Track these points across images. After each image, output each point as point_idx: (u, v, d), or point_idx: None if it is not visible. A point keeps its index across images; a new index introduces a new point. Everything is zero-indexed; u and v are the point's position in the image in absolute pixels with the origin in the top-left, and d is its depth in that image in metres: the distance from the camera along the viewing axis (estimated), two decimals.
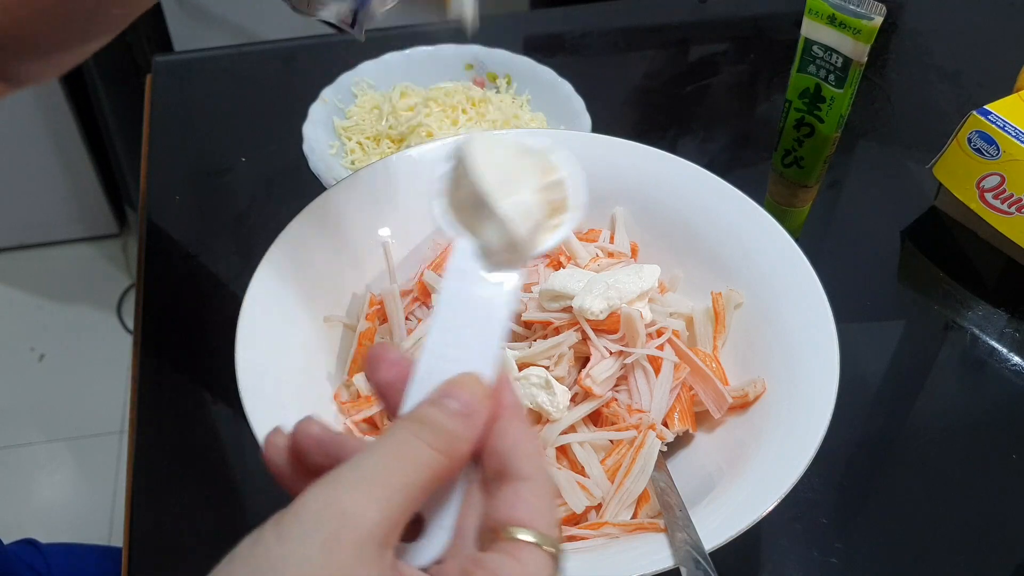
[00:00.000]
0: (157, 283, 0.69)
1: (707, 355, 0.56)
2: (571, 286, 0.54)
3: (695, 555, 0.43)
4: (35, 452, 1.56)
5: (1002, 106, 0.70)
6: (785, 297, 0.55)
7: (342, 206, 0.58)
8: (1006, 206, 0.70)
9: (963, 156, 0.71)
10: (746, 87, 0.89)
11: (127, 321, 1.73)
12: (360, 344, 0.56)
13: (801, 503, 0.57)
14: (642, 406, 0.53)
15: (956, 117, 0.71)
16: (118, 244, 1.83)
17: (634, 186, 0.62)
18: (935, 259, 0.73)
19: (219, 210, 0.76)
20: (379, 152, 0.76)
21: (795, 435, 0.48)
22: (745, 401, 0.53)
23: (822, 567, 0.55)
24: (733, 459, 0.50)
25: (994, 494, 0.59)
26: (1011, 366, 0.66)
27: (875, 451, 0.61)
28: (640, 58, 0.91)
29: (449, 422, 0.31)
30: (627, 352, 0.53)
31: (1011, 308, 0.70)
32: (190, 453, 0.60)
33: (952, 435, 0.62)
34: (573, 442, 0.51)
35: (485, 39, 0.81)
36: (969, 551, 0.56)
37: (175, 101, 0.85)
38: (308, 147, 0.73)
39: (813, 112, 0.67)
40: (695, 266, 0.60)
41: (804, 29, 0.64)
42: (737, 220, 0.59)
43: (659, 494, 0.49)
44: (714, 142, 0.83)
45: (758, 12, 0.95)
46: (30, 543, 0.76)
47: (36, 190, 1.71)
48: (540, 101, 0.79)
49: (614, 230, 0.63)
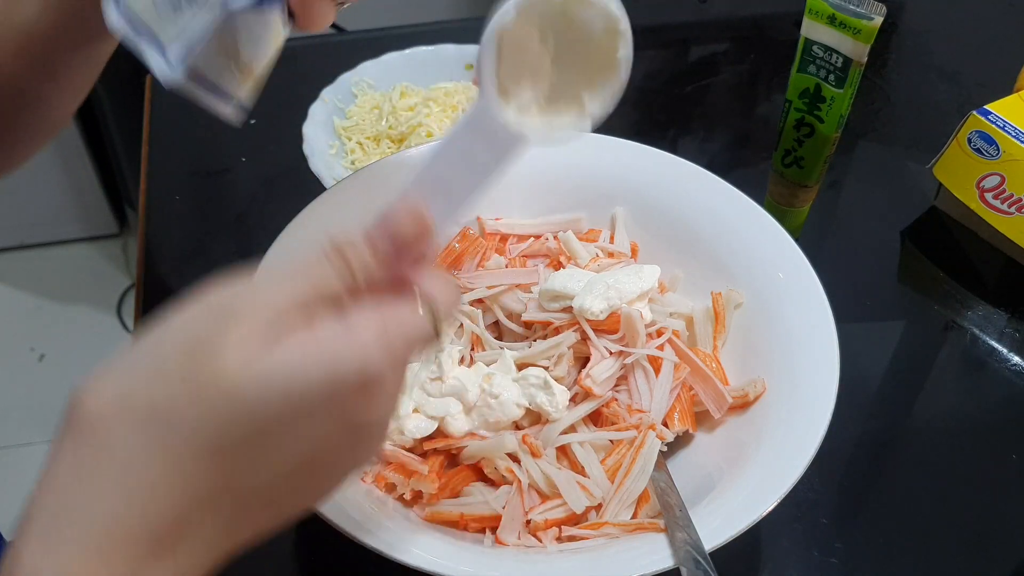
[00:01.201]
0: (157, 283, 0.69)
1: (707, 355, 0.56)
2: (571, 286, 0.54)
3: (695, 555, 0.43)
4: (35, 452, 1.56)
5: (1002, 106, 0.70)
6: (785, 297, 0.55)
7: (342, 206, 0.58)
8: (1006, 206, 0.70)
9: (963, 156, 0.71)
10: (746, 87, 0.89)
11: (127, 321, 1.73)
12: None
13: (801, 503, 0.57)
14: (642, 406, 0.53)
15: (956, 117, 0.71)
16: (118, 244, 1.83)
17: (634, 186, 0.62)
18: (935, 259, 0.73)
19: (219, 210, 0.76)
20: (379, 152, 0.76)
21: (795, 435, 0.48)
22: (745, 401, 0.53)
23: (822, 567, 0.55)
24: (733, 459, 0.50)
25: (994, 494, 0.59)
26: (1011, 366, 0.66)
27: (875, 451, 0.61)
28: (640, 58, 0.90)
29: (371, 262, 0.35)
30: (627, 352, 0.53)
31: (1011, 308, 0.69)
32: None
33: (952, 435, 0.62)
34: (573, 442, 0.51)
35: None
36: (969, 551, 0.56)
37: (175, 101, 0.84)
38: (308, 147, 0.73)
39: (813, 112, 0.67)
40: (695, 266, 0.60)
41: (804, 29, 0.64)
42: (737, 220, 0.59)
43: (659, 494, 0.49)
44: (714, 142, 0.83)
45: (758, 12, 0.95)
46: None
47: (36, 190, 1.71)
48: None
49: (614, 230, 0.63)
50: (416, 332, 0.35)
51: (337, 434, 0.33)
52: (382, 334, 0.33)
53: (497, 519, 0.49)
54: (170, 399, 0.30)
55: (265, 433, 0.31)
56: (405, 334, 0.34)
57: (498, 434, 0.51)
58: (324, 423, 0.32)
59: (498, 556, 0.47)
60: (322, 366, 0.31)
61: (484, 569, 0.44)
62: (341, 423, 0.33)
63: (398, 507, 0.50)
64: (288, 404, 0.31)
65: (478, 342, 0.56)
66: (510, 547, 0.48)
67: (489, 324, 0.57)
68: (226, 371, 0.30)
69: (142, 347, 0.32)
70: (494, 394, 0.51)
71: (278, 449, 0.32)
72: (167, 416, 0.30)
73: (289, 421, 0.31)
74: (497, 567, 0.46)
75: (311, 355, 0.31)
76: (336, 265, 0.34)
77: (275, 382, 0.31)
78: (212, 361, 0.31)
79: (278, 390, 0.31)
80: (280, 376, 0.31)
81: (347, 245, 0.35)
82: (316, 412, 0.32)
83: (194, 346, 0.31)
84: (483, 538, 0.49)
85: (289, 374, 0.31)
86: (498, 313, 0.57)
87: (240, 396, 0.30)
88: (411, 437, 0.51)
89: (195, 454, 0.30)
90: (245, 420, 0.31)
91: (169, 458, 0.30)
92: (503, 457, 0.51)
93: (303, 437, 0.32)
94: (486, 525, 0.50)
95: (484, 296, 0.57)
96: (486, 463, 0.51)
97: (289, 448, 0.32)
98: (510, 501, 0.50)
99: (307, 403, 0.31)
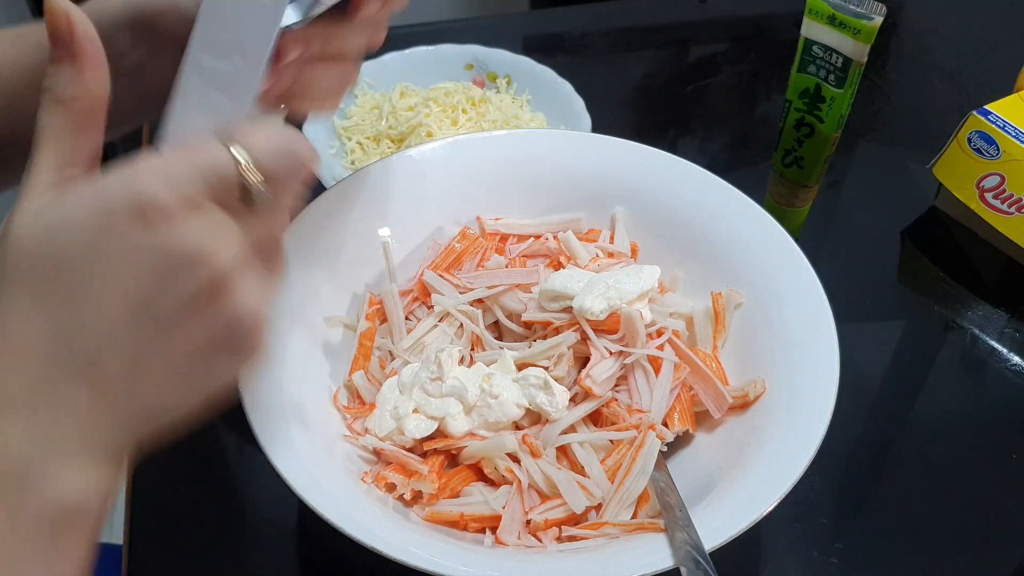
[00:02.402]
0: None
1: (707, 355, 0.56)
2: (571, 286, 0.54)
3: (695, 555, 0.43)
4: None
5: (1002, 106, 0.70)
6: (785, 297, 0.55)
7: (342, 206, 0.58)
8: (1006, 206, 0.70)
9: (963, 156, 0.71)
10: (746, 87, 0.89)
11: None
12: (360, 344, 0.56)
13: (801, 503, 0.57)
14: (642, 406, 0.53)
15: (956, 117, 0.71)
16: None
17: (634, 186, 0.62)
18: (935, 259, 0.73)
19: None
20: (379, 152, 0.76)
21: (795, 435, 0.48)
22: (745, 401, 0.53)
23: (822, 567, 0.55)
24: (733, 459, 0.50)
25: (994, 494, 0.59)
26: (1011, 366, 0.66)
27: (875, 451, 0.61)
28: (640, 58, 0.91)
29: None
30: (627, 352, 0.53)
31: (1011, 308, 0.70)
32: (190, 453, 0.60)
33: (952, 435, 0.62)
34: (573, 442, 0.51)
35: (485, 39, 0.81)
36: (969, 551, 0.56)
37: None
38: None
39: (813, 112, 0.67)
40: (695, 266, 0.60)
41: (804, 29, 0.64)
42: (737, 220, 0.59)
43: (659, 494, 0.49)
44: (714, 142, 0.83)
45: (758, 12, 0.95)
46: None
47: None
48: (540, 101, 0.80)
49: (614, 230, 0.63)
50: (205, 159, 0.34)
51: (146, 267, 0.33)
52: (159, 162, 0.33)
53: (497, 519, 0.49)
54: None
55: (64, 269, 0.32)
56: (189, 159, 0.34)
57: (498, 434, 0.51)
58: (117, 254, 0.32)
59: (498, 556, 0.47)
60: (91, 193, 0.33)
61: (484, 569, 0.44)
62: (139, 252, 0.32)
63: (398, 507, 0.50)
64: (71, 236, 0.32)
65: (478, 342, 0.56)
66: (510, 547, 0.48)
67: (489, 324, 0.57)
68: (19, 227, 0.32)
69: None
70: (494, 394, 0.51)
71: (84, 281, 0.32)
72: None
73: (79, 251, 0.32)
74: (497, 567, 0.46)
75: (86, 190, 0.33)
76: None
77: (58, 219, 0.32)
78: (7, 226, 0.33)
79: (61, 225, 0.32)
80: (61, 213, 0.32)
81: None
82: (99, 241, 0.32)
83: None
84: (483, 538, 0.49)
85: (68, 210, 0.32)
86: (498, 313, 0.57)
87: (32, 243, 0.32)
88: (411, 437, 0.51)
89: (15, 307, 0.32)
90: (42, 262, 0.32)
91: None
92: (503, 457, 0.51)
93: (104, 272, 0.32)
94: (486, 525, 0.50)
95: (484, 296, 0.57)
96: (486, 463, 0.51)
97: (99, 286, 0.32)
98: (510, 501, 0.50)
99: (84, 233, 0.32)
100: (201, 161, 0.34)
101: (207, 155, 0.34)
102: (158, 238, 0.32)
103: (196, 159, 0.34)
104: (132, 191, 0.32)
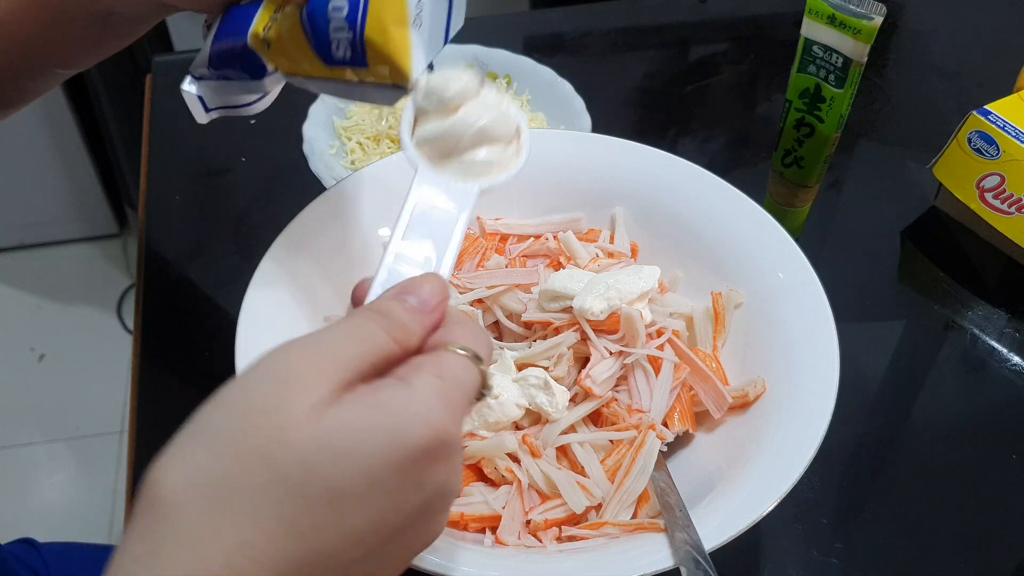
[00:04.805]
0: (157, 283, 0.69)
1: (707, 355, 0.56)
2: (571, 286, 0.54)
3: (695, 555, 0.43)
4: (35, 452, 1.56)
5: (1002, 106, 0.70)
6: (785, 297, 0.55)
7: (342, 206, 0.58)
8: (1006, 206, 0.70)
9: (963, 156, 0.71)
10: (746, 87, 0.89)
11: (127, 321, 1.73)
12: None
13: (801, 503, 0.57)
14: (642, 406, 0.53)
15: (956, 117, 0.71)
16: (118, 244, 1.83)
17: (634, 186, 0.62)
18: (935, 259, 0.73)
19: (219, 210, 0.76)
20: (379, 152, 0.75)
21: (795, 435, 0.48)
22: (745, 401, 0.53)
23: (822, 567, 0.55)
24: (733, 459, 0.50)
25: (994, 494, 0.59)
26: (1011, 366, 0.66)
27: (875, 451, 0.61)
28: (640, 58, 0.91)
29: (405, 315, 0.35)
30: (627, 352, 0.53)
31: (1011, 308, 0.70)
32: None
33: (952, 435, 0.62)
34: (573, 442, 0.51)
35: (485, 39, 0.81)
36: (969, 551, 0.56)
37: (175, 101, 0.84)
38: (308, 147, 0.73)
39: (813, 112, 0.67)
40: (695, 266, 0.60)
41: (804, 29, 0.64)
42: (737, 220, 0.59)
43: (659, 494, 0.49)
44: (714, 142, 0.83)
45: (758, 12, 0.95)
46: (27, 542, 0.75)
47: (36, 190, 1.71)
48: (540, 101, 0.79)
49: (614, 230, 0.63)
50: (471, 383, 0.35)
51: (418, 502, 0.32)
52: (441, 391, 0.33)
53: (497, 519, 0.49)
54: (239, 473, 0.30)
55: (336, 500, 0.30)
56: (462, 387, 0.34)
57: (498, 434, 0.51)
58: (396, 489, 0.32)
59: (498, 556, 0.47)
60: (388, 429, 0.31)
61: (484, 569, 0.44)
62: (413, 488, 0.32)
63: None
64: (357, 469, 0.31)
65: None
66: (510, 547, 0.48)
67: (489, 324, 0.57)
68: (295, 440, 0.30)
69: (209, 419, 0.32)
70: (494, 394, 0.51)
71: (350, 516, 0.31)
72: (236, 492, 0.30)
73: (360, 488, 0.31)
74: (497, 567, 0.46)
75: (378, 419, 0.31)
76: (384, 326, 0.34)
77: (345, 448, 0.30)
78: (279, 432, 0.30)
79: (348, 456, 0.30)
80: (350, 443, 0.31)
81: (385, 307, 0.35)
82: (388, 477, 0.31)
83: (259, 416, 0.31)
84: (483, 538, 0.49)
85: (358, 440, 0.31)
86: (498, 313, 0.57)
87: (308, 463, 0.30)
88: None
89: (265, 528, 0.30)
90: (314, 488, 0.30)
91: (241, 535, 0.30)
92: (503, 457, 0.51)
93: (374, 504, 0.31)
94: (486, 525, 0.50)
95: (484, 296, 0.57)
96: (486, 463, 0.51)
97: (360, 515, 0.31)
98: (510, 501, 0.50)
99: (376, 468, 0.31)
100: (469, 386, 0.34)
101: (472, 378, 0.35)
102: (439, 474, 0.33)
103: (465, 383, 0.34)
104: (427, 426, 0.32)
